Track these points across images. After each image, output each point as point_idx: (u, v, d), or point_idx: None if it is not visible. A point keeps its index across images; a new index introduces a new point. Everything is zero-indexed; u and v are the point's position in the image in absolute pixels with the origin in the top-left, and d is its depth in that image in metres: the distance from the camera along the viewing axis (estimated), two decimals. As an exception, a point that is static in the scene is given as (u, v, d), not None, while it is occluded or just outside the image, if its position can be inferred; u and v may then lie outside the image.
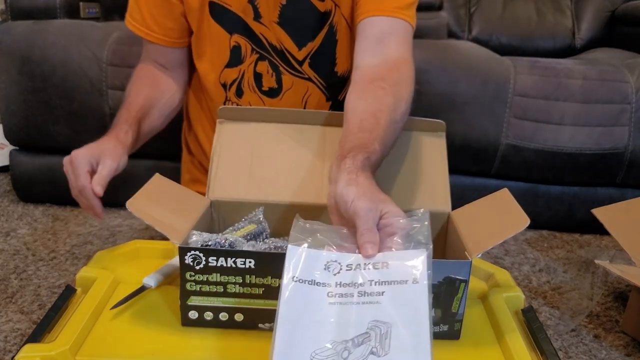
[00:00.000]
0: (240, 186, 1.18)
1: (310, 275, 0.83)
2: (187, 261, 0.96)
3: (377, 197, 0.89)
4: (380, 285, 0.82)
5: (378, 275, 0.82)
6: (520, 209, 1.01)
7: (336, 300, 0.81)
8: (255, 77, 1.45)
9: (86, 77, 2.18)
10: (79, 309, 1.01)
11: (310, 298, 0.82)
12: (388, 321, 0.79)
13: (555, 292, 1.95)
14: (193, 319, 1.00)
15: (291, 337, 0.79)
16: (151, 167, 1.32)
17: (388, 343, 0.78)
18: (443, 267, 0.97)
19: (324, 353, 0.78)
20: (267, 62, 1.43)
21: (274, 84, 1.46)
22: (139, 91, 1.46)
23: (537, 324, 1.05)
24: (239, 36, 1.41)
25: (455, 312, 1.00)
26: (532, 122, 2.19)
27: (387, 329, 0.79)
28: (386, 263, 0.83)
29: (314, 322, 0.80)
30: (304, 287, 0.82)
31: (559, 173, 2.27)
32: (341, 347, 0.78)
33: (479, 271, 1.22)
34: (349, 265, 0.84)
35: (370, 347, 0.78)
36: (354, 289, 0.82)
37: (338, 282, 0.83)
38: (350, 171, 0.93)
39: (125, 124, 1.34)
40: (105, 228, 2.22)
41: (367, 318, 0.80)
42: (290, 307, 0.81)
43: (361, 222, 0.86)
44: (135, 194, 1.03)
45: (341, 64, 1.44)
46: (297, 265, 0.84)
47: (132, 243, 1.24)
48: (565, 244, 2.30)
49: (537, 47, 3.08)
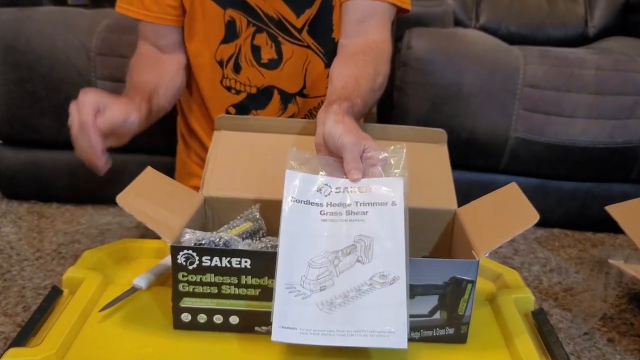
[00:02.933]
0: (235, 182, 1.18)
1: (306, 196, 1.01)
2: (180, 261, 0.96)
3: (360, 134, 1.05)
4: (364, 206, 0.99)
5: (363, 197, 1.00)
6: (530, 204, 1.01)
7: (328, 218, 0.99)
8: (253, 50, 1.48)
9: (74, 67, 2.17)
10: (66, 311, 1.01)
11: (306, 215, 0.99)
12: (371, 235, 0.97)
13: (567, 293, 1.95)
14: (186, 322, 1.00)
15: (291, 248, 0.96)
16: (143, 162, 1.31)
17: (371, 253, 0.96)
18: (449, 267, 0.97)
19: (319, 260, 0.95)
20: (265, 33, 1.46)
21: (273, 55, 1.49)
22: (141, 73, 1.46)
23: (547, 327, 1.05)
24: (232, 10, 1.43)
25: (461, 315, 1.00)
26: (542, 114, 2.19)
27: (370, 242, 0.96)
28: (369, 187, 1.01)
29: (310, 235, 0.98)
30: (301, 207, 1.00)
31: (570, 168, 2.27)
32: (333, 256, 0.96)
33: (487, 271, 1.22)
34: (337, 188, 1.02)
35: (356, 256, 0.96)
36: (343, 208, 1.00)
37: (329, 202, 1.00)
38: (337, 113, 1.09)
39: (137, 96, 1.31)
40: (94, 226, 2.22)
41: (353, 233, 0.97)
42: (290, 223, 0.98)
43: (347, 153, 1.02)
44: (126, 188, 1.02)
45: (338, 30, 1.48)
46: (295, 188, 1.01)
47: (122, 242, 1.24)
48: (577, 243, 2.31)
49: (548, 35, 3.08)
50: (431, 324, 1.01)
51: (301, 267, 0.95)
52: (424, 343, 1.01)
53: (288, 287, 0.93)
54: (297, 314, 0.91)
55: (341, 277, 0.95)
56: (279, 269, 0.94)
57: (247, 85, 1.52)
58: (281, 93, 1.53)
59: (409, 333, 0.98)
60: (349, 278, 0.95)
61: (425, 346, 1.01)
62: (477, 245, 1.00)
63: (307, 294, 0.93)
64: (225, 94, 1.53)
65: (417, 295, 0.98)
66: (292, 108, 1.55)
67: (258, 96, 1.53)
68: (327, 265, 0.96)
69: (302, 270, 0.95)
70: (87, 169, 1.24)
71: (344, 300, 0.93)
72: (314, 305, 0.93)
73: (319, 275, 0.95)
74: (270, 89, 1.52)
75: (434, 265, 0.98)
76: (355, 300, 0.93)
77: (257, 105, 1.54)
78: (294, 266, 0.95)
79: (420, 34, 2.24)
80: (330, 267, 0.95)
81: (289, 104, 1.54)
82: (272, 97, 1.53)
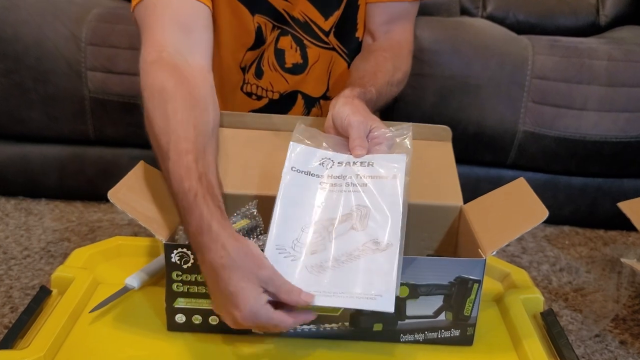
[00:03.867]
0: (232, 178, 1.18)
1: (307, 167, 1.06)
2: (174, 259, 0.96)
3: (368, 114, 1.10)
4: (364, 178, 1.04)
5: (364, 170, 1.05)
6: (539, 200, 1.01)
7: (327, 188, 1.04)
8: (276, 55, 1.45)
9: (63, 57, 2.17)
10: (55, 312, 1.01)
11: (305, 185, 1.04)
12: (368, 205, 1.00)
13: (577, 293, 1.95)
14: (180, 323, 1.00)
15: (286, 213, 1.01)
16: (136, 156, 1.30)
17: (366, 222, 0.99)
18: (454, 266, 0.97)
19: (313, 226, 1.00)
20: (290, 36, 1.43)
21: (298, 59, 1.47)
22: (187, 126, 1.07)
23: (557, 328, 1.05)
24: (259, 16, 1.40)
25: (467, 316, 1.00)
26: (552, 107, 2.19)
27: (366, 212, 1.00)
28: (372, 162, 1.05)
29: (307, 203, 1.02)
30: (301, 176, 1.05)
31: (581, 163, 2.27)
32: (328, 222, 1.00)
33: (494, 270, 1.22)
34: (340, 162, 1.06)
35: (351, 224, 0.99)
36: (342, 180, 1.04)
37: (330, 175, 1.05)
38: (346, 96, 1.13)
39: (212, 203, 0.98)
40: (84, 223, 2.22)
41: (351, 202, 1.01)
42: (288, 190, 1.03)
43: (353, 131, 1.07)
44: (118, 183, 1.02)
45: (362, 29, 1.47)
46: (296, 158, 1.06)
47: (114, 240, 1.24)
48: (588, 241, 2.31)
49: (558, 25, 3.07)
50: (436, 325, 1.01)
51: (294, 231, 0.99)
52: (428, 345, 1.01)
53: (278, 248, 0.97)
54: (284, 274, 0.93)
55: (334, 243, 0.98)
56: (271, 231, 0.98)
57: (270, 91, 1.48)
58: (305, 98, 1.51)
59: (413, 334, 0.99)
60: (341, 244, 0.98)
61: (429, 348, 1.01)
62: (484, 244, 1.00)
63: (297, 256, 0.97)
64: (246, 100, 1.50)
65: (421, 295, 0.98)
66: (315, 112, 1.53)
67: (281, 102, 1.50)
68: (320, 231, 0.99)
69: (295, 234, 0.99)
70: (77, 164, 1.23)
71: (334, 263, 0.96)
72: (303, 267, 0.96)
73: (312, 239, 0.99)
74: (294, 94, 1.50)
75: (438, 264, 0.98)
76: (346, 264, 0.95)
77: (279, 111, 1.50)
78: (287, 230, 0.99)
79: (425, 24, 2.24)
80: (324, 233, 0.99)
81: (312, 108, 1.52)
82: (296, 103, 1.51)
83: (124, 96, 2.17)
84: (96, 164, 2.28)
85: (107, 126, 2.23)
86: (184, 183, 0.97)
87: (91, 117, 2.21)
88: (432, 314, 1.00)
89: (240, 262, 0.90)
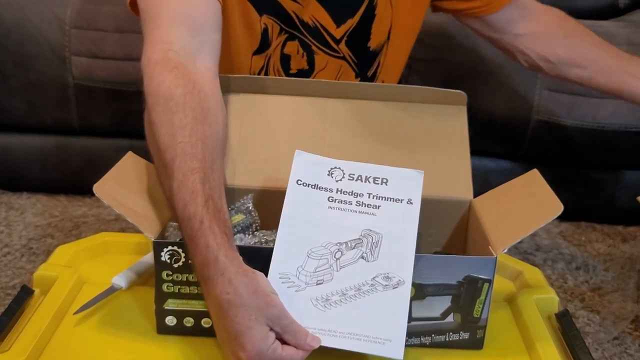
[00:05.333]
0: (226, 169, 1.17)
1: (314, 180, 1.04)
2: (164, 258, 0.96)
3: None
4: (377, 199, 1.02)
5: (378, 189, 1.03)
6: (553, 193, 1.01)
7: (335, 206, 1.02)
8: (282, 60, 1.44)
9: (46, 41, 2.17)
10: (37, 314, 1.01)
11: (312, 200, 1.02)
12: (380, 232, 0.99)
13: (594, 293, 1.95)
14: (171, 326, 1.00)
15: (291, 234, 0.99)
16: (124, 147, 1.30)
17: (377, 251, 0.98)
18: (463, 265, 0.97)
19: (319, 251, 0.98)
20: (298, 41, 1.42)
21: (304, 65, 1.45)
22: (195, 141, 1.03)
23: (573, 330, 1.05)
24: (267, 17, 1.39)
25: (477, 318, 1.00)
26: (568, 94, 2.19)
27: (378, 239, 0.99)
28: (386, 179, 1.04)
29: (313, 222, 1.00)
30: (307, 190, 1.03)
31: (598, 155, 2.27)
32: (335, 248, 0.98)
33: (506, 269, 1.22)
34: (351, 175, 1.04)
35: (361, 251, 0.98)
36: (354, 198, 1.02)
37: (339, 189, 1.03)
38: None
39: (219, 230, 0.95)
40: (68, 219, 2.22)
41: (361, 226, 1.00)
42: (293, 207, 1.01)
43: None
44: (104, 176, 1.02)
45: (375, 39, 1.46)
46: (302, 169, 1.05)
47: (99, 236, 1.24)
48: (606, 237, 2.31)
49: (574, 7, 3.05)
50: (443, 327, 1.01)
51: (299, 257, 0.97)
52: (435, 349, 1.01)
53: (282, 277, 0.95)
54: (288, 308, 0.91)
55: (342, 273, 0.97)
56: (274, 256, 0.96)
57: None
58: None
59: (419, 338, 0.99)
60: (349, 274, 0.97)
61: (437, 352, 1.01)
62: (495, 240, 1.00)
63: (302, 287, 0.96)
64: None
65: (428, 295, 0.98)
66: None
67: None
68: (327, 257, 0.97)
69: (300, 259, 0.97)
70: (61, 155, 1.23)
71: (341, 298, 0.95)
72: (308, 299, 0.95)
73: (318, 267, 0.97)
74: None
75: (446, 263, 0.98)
76: (354, 300, 0.95)
77: None
78: (291, 254, 0.97)
79: (432, 5, 2.23)
80: (331, 260, 0.97)
81: None
82: None
83: (110, 82, 2.17)
84: (81, 155, 2.27)
85: (93, 115, 2.22)
86: (189, 208, 0.94)
87: (76, 104, 2.21)
88: (440, 316, 1.00)
89: (248, 299, 0.89)
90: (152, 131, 1.05)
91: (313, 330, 0.92)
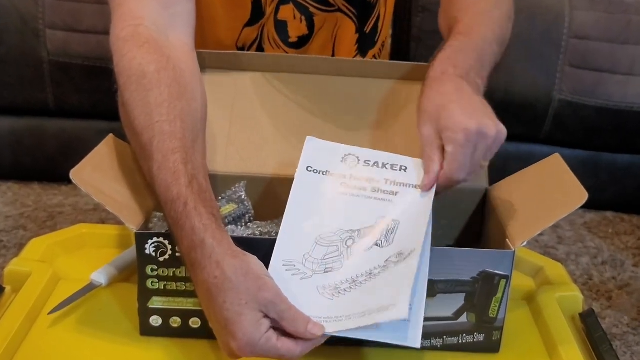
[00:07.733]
0: (216, 155, 1.17)
1: (326, 166, 1.04)
2: (148, 251, 0.96)
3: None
4: (395, 185, 1.03)
5: (395, 176, 1.03)
6: (577, 180, 1.01)
7: (349, 192, 1.03)
8: (277, 28, 1.43)
9: (17, 12, 2.17)
10: (8, 314, 1.01)
11: (322, 188, 1.03)
12: (398, 219, 0.99)
13: (622, 291, 1.96)
14: (155, 327, 1.00)
15: (298, 219, 0.99)
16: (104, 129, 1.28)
17: (393, 237, 0.98)
18: (478, 259, 0.97)
19: (330, 237, 0.98)
20: (292, 4, 1.42)
21: (304, 31, 1.43)
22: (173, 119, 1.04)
23: (599, 332, 1.05)
24: None
25: (493, 318, 1.00)
26: (593, 71, 2.19)
27: (395, 226, 0.99)
28: (405, 167, 1.04)
29: (323, 208, 1.01)
30: (318, 177, 1.04)
31: (627, 138, 2.27)
32: (347, 235, 0.98)
33: (525, 264, 1.22)
34: (367, 161, 1.05)
35: (375, 239, 0.98)
36: (369, 183, 1.03)
37: (353, 175, 1.04)
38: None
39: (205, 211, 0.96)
40: (42, 209, 2.22)
41: (377, 213, 1.00)
42: (301, 193, 1.01)
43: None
44: (82, 161, 1.02)
45: None
46: (313, 156, 1.05)
47: (77, 228, 1.24)
48: (635, 229, 2.31)
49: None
50: (456, 328, 1.01)
51: (306, 243, 0.97)
52: (447, 352, 1.01)
53: (285, 264, 0.95)
54: (291, 295, 0.90)
55: (352, 261, 0.96)
56: (278, 242, 0.96)
57: None
58: None
59: (429, 339, 0.99)
60: (361, 262, 0.96)
61: (449, 356, 1.01)
62: (513, 232, 1.00)
63: (308, 274, 0.95)
64: None
65: (439, 293, 0.98)
66: None
67: None
68: (338, 244, 0.97)
69: (307, 246, 0.97)
70: (34, 138, 1.22)
71: (351, 285, 0.94)
72: (314, 287, 0.94)
73: (327, 254, 0.97)
74: None
75: (460, 257, 0.98)
76: (365, 284, 0.94)
77: None
78: (297, 241, 0.97)
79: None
80: (342, 247, 0.97)
81: None
82: None
83: (89, 58, 2.17)
84: (57, 139, 2.28)
85: (70, 94, 2.23)
86: (172, 189, 0.95)
87: (50, 83, 2.21)
88: (452, 316, 1.00)
89: (238, 282, 0.88)
90: (127, 113, 1.05)
91: (317, 320, 0.90)
